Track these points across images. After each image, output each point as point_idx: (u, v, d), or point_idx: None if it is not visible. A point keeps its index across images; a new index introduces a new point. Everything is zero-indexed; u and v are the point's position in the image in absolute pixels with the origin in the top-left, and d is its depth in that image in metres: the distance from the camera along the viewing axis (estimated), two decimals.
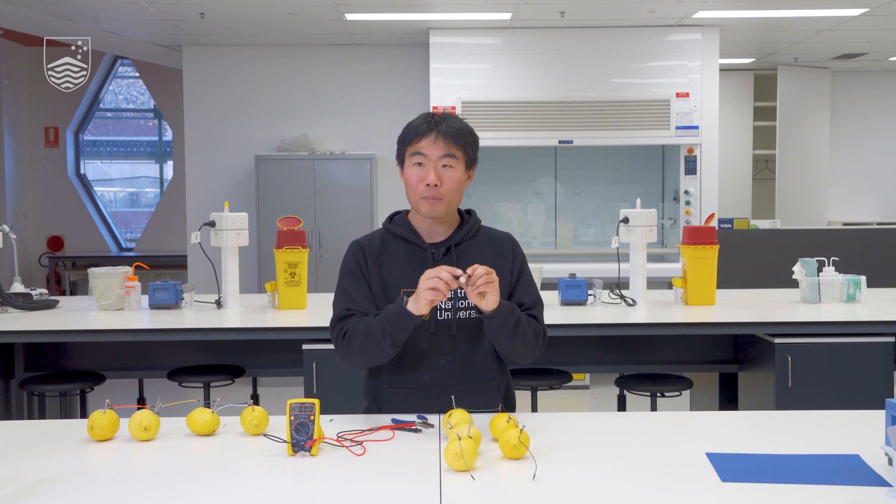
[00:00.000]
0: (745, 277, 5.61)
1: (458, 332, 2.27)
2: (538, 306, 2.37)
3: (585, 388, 6.32)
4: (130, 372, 4.03)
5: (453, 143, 2.26)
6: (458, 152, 2.28)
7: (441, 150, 2.25)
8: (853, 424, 2.14)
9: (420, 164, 2.27)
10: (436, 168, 2.25)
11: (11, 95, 8.85)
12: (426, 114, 2.34)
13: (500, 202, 7.07)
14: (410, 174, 2.29)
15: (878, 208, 8.84)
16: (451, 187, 2.27)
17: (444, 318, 2.27)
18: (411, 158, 2.28)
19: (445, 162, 2.26)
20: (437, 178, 2.25)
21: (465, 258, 2.30)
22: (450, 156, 2.26)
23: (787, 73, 8.05)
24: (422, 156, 2.26)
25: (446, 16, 6.17)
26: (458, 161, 2.28)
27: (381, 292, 2.28)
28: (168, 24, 6.30)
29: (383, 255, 2.33)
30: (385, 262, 2.31)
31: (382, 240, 2.36)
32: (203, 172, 7.11)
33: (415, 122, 2.31)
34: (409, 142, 2.29)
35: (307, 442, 1.89)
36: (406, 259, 2.31)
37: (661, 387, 3.76)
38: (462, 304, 2.27)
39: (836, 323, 3.55)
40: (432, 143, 2.25)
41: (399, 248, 2.33)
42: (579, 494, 1.69)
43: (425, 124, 2.27)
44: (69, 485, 1.74)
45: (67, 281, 9.18)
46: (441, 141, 2.25)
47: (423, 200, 2.27)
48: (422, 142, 2.26)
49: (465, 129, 2.31)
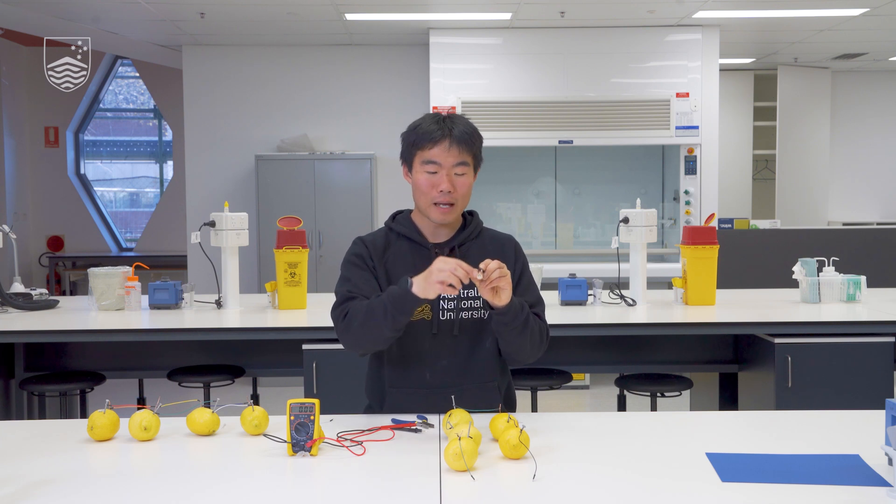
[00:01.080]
0: (745, 277, 5.61)
1: (461, 332, 2.27)
2: (540, 305, 2.38)
3: (585, 388, 6.32)
4: (130, 372, 4.03)
5: (466, 150, 2.25)
6: (469, 158, 2.27)
7: (455, 158, 2.24)
8: (853, 424, 2.14)
9: (433, 172, 2.25)
10: (449, 175, 2.24)
11: (11, 95, 8.85)
12: (435, 117, 2.29)
13: (500, 202, 7.07)
14: (421, 180, 2.26)
15: (878, 208, 8.84)
16: (463, 193, 2.27)
17: (446, 319, 2.27)
18: (423, 165, 2.25)
19: (458, 170, 2.25)
20: (451, 185, 2.24)
21: (468, 258, 2.28)
22: (463, 163, 2.25)
23: (787, 73, 8.05)
24: (435, 164, 2.24)
25: (446, 16, 6.17)
26: (469, 167, 2.28)
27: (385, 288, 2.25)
28: (168, 24, 6.30)
29: (387, 253, 2.32)
30: (389, 259, 2.31)
31: (386, 238, 2.35)
32: (203, 172, 7.11)
33: (425, 125, 2.27)
34: (419, 146, 2.26)
35: (307, 442, 1.89)
36: (410, 258, 2.30)
37: (661, 387, 3.76)
38: (465, 304, 2.27)
39: (836, 323, 3.55)
40: (446, 151, 2.23)
41: (403, 247, 2.33)
42: (579, 494, 1.69)
43: (438, 130, 2.24)
44: (69, 485, 1.74)
45: (67, 281, 9.18)
46: (455, 148, 2.23)
47: (434, 207, 2.25)
48: (435, 149, 2.23)
49: (474, 131, 2.29)
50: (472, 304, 2.27)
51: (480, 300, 2.28)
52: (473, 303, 2.28)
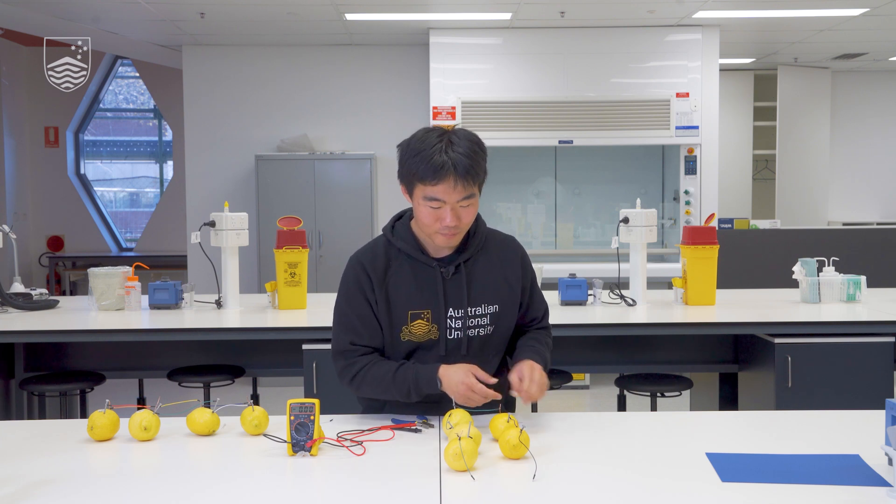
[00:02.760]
0: (745, 277, 5.61)
1: (468, 351, 2.24)
2: (546, 316, 2.40)
3: (585, 388, 6.32)
4: (130, 372, 4.03)
5: (472, 182, 2.10)
6: (475, 188, 2.13)
7: (460, 194, 2.09)
8: (853, 424, 2.14)
9: (436, 207, 2.11)
10: (454, 210, 2.11)
11: (11, 95, 8.84)
12: (434, 139, 2.09)
13: (500, 202, 7.07)
14: (424, 213, 2.13)
15: (878, 208, 8.84)
16: (468, 221, 2.16)
17: (454, 338, 2.23)
18: (426, 200, 2.10)
19: (464, 203, 2.12)
20: (456, 219, 2.11)
21: (475, 275, 2.25)
22: (469, 197, 2.11)
23: (787, 73, 8.04)
24: (438, 201, 2.10)
25: (446, 16, 6.17)
26: (475, 196, 2.14)
27: (387, 313, 2.20)
28: (168, 24, 6.30)
29: (388, 273, 2.21)
30: (391, 282, 2.21)
31: (386, 255, 2.23)
32: (203, 172, 7.10)
33: (426, 152, 2.07)
34: (420, 179, 2.08)
35: (307, 442, 1.89)
36: (412, 277, 2.21)
37: (661, 387, 3.76)
38: (472, 321, 2.23)
39: (836, 323, 3.55)
40: (451, 189, 2.07)
41: (404, 264, 2.22)
42: (579, 494, 1.69)
43: (442, 168, 2.05)
44: (69, 485, 1.74)
45: (67, 281, 9.18)
46: (460, 185, 2.07)
47: (438, 235, 2.15)
48: (439, 186, 2.07)
49: (477, 154, 2.11)
50: (478, 322, 2.25)
51: (488, 317, 2.25)
52: (480, 320, 2.25)
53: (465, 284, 2.22)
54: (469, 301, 2.22)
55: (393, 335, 2.21)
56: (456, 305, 2.21)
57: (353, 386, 2.23)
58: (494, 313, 2.25)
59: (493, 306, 2.25)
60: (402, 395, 2.15)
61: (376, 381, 2.18)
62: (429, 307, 2.20)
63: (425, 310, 2.20)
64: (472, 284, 2.23)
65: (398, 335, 2.21)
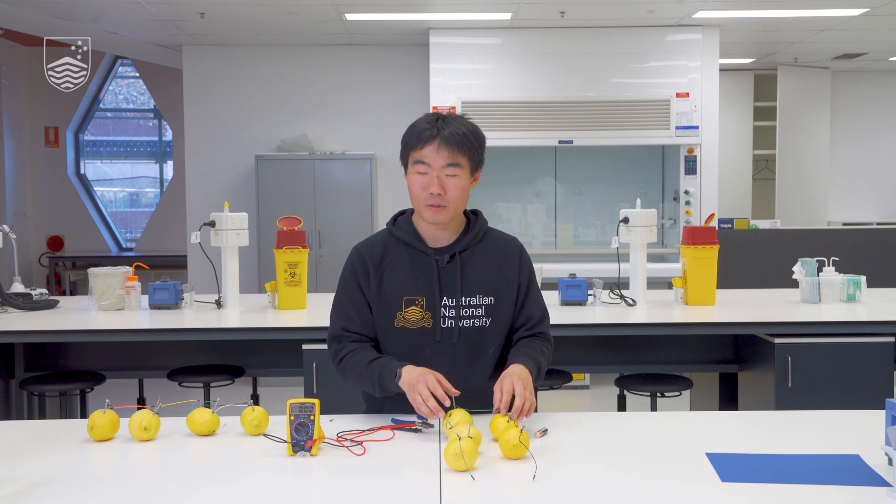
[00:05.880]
0: (745, 277, 5.61)
1: (461, 340, 2.26)
2: (545, 320, 2.37)
3: (585, 388, 6.32)
4: (130, 372, 4.03)
5: (457, 151, 2.19)
6: (462, 159, 2.21)
7: (444, 159, 2.19)
8: (853, 424, 2.14)
9: (423, 173, 2.21)
10: (439, 177, 2.19)
11: (11, 95, 8.85)
12: (430, 116, 2.25)
13: (500, 202, 7.07)
14: (413, 181, 2.23)
15: (878, 208, 8.84)
16: (454, 195, 2.21)
17: (447, 326, 2.25)
18: (414, 165, 2.22)
19: (449, 171, 2.20)
20: (441, 187, 2.19)
21: (470, 266, 2.28)
22: (454, 164, 2.20)
23: (787, 73, 8.05)
24: (425, 164, 2.20)
25: (446, 16, 6.17)
26: (462, 169, 2.21)
27: (380, 299, 2.26)
28: (168, 24, 6.30)
29: (385, 260, 2.28)
30: (387, 269, 2.27)
31: (385, 244, 2.31)
32: (203, 172, 7.10)
33: (418, 124, 2.23)
34: (412, 146, 2.22)
35: (307, 442, 1.89)
36: (409, 265, 2.27)
37: (661, 387, 3.76)
38: (465, 311, 2.25)
39: (836, 323, 3.55)
40: (435, 152, 2.18)
41: (402, 252, 2.29)
42: (579, 494, 1.69)
43: (429, 130, 2.19)
44: (69, 485, 1.74)
45: (67, 281, 9.18)
46: (445, 149, 2.18)
47: (427, 208, 2.22)
48: (424, 149, 2.19)
49: (469, 132, 2.22)
50: (472, 313, 2.26)
51: (482, 308, 2.26)
52: (474, 311, 2.26)
53: (459, 273, 2.24)
54: (462, 290, 2.25)
55: (387, 322, 2.25)
56: (450, 294, 2.24)
57: (339, 370, 2.29)
58: (490, 305, 2.27)
59: (489, 298, 2.27)
60: (371, 386, 2.20)
61: (356, 369, 2.24)
62: (423, 294, 2.25)
63: (420, 297, 2.24)
64: (466, 274, 2.26)
65: (392, 322, 2.25)
